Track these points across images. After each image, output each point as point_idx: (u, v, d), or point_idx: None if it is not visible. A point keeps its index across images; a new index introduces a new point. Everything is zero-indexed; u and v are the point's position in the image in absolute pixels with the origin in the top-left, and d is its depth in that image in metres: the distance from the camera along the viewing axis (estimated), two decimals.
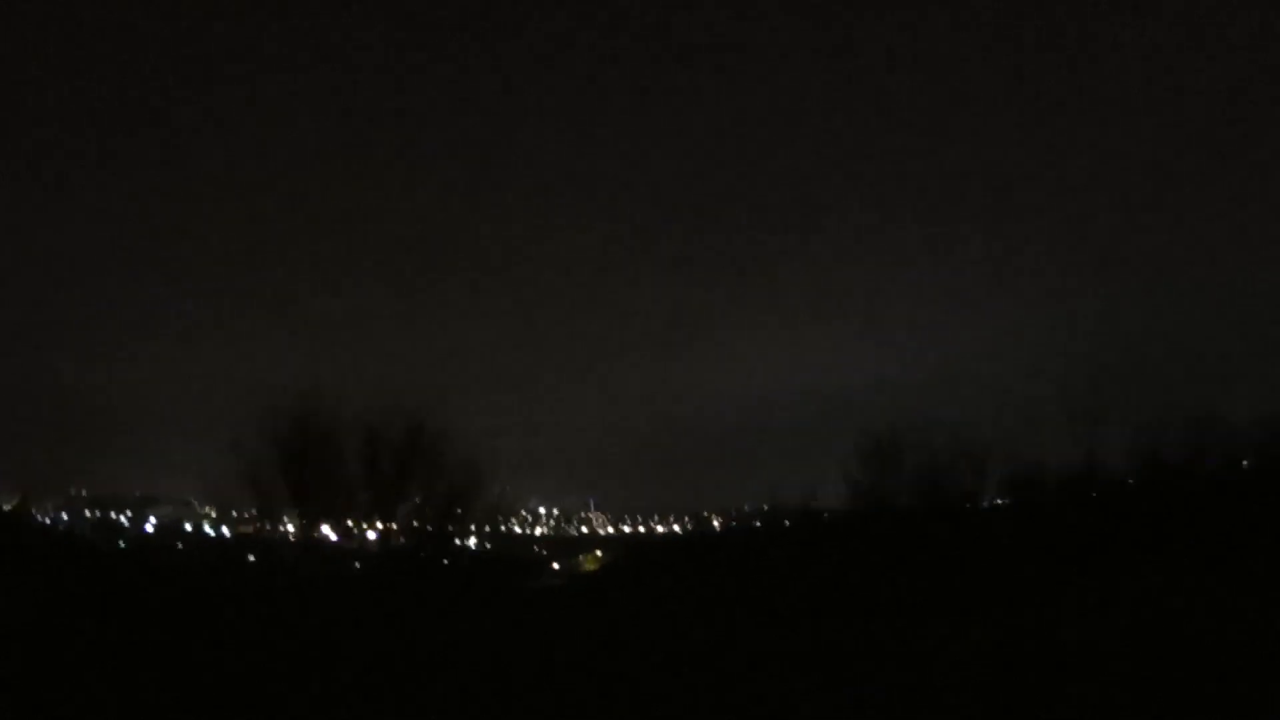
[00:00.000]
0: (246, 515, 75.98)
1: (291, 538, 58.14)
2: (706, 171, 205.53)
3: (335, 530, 59.28)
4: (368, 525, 58.88)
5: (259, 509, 58.59)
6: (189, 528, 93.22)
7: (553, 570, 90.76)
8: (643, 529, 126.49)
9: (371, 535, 59.04)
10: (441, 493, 54.12)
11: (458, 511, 56.77)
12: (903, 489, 51.87)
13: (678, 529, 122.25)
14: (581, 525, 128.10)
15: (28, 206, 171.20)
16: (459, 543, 63.87)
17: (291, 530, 58.13)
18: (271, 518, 58.81)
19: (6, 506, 76.06)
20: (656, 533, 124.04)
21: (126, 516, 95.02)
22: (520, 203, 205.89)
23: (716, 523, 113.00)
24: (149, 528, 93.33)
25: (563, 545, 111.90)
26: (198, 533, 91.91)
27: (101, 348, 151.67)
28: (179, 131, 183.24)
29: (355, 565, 57.00)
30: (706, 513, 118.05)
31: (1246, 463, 45.94)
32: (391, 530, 55.55)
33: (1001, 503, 52.80)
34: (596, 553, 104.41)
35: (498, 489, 59.58)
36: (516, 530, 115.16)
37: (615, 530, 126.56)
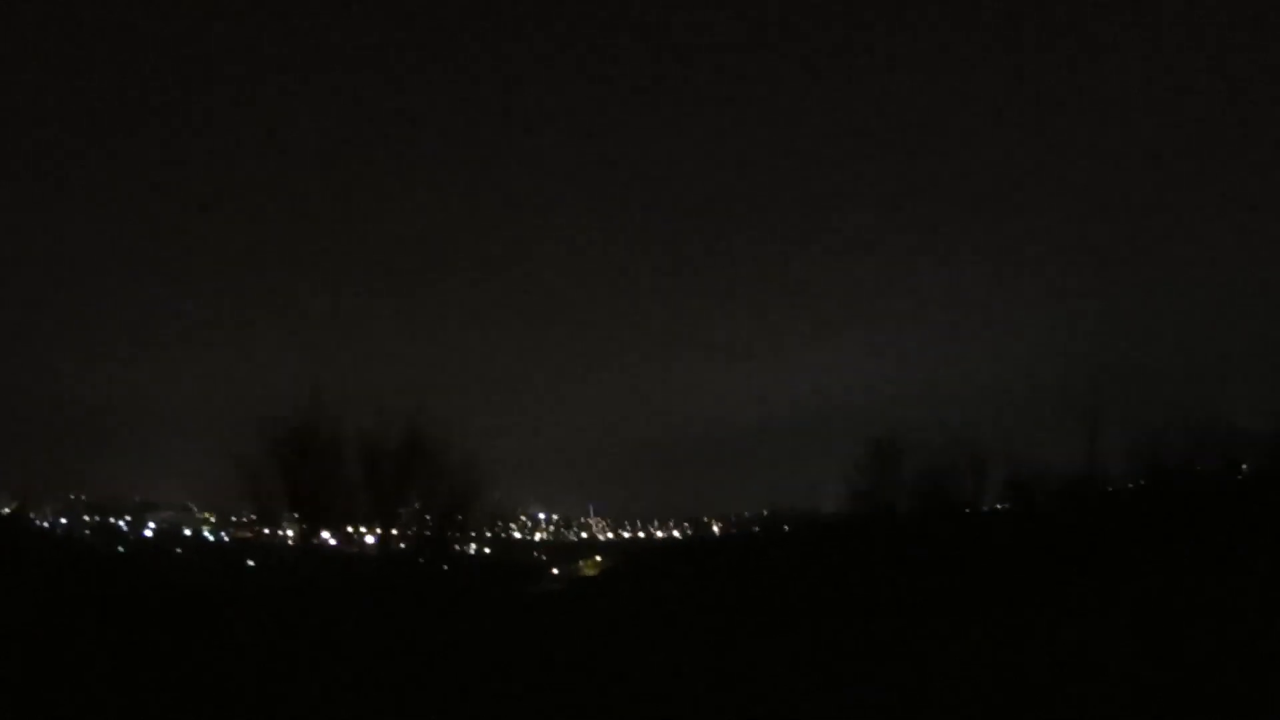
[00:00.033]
0: (245, 520, 76.00)
1: (291, 542, 58.03)
2: (708, 174, 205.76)
3: (335, 535, 59.16)
4: (367, 530, 58.80)
5: (258, 514, 58.56)
6: (188, 532, 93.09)
7: (552, 575, 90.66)
8: (642, 534, 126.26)
9: (371, 540, 58.94)
10: (441, 498, 54.04)
11: (457, 517, 56.68)
12: (903, 492, 51.87)
13: (678, 534, 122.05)
14: (581, 530, 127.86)
15: (28, 209, 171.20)
16: (458, 548, 63.72)
17: (291, 535, 58.02)
18: (271, 523, 58.75)
19: (5, 510, 76.02)
20: (656, 538, 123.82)
21: (125, 521, 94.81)
22: (520, 206, 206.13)
23: (716, 528, 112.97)
24: (148, 532, 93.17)
25: (562, 550, 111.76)
26: (197, 537, 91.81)
27: (100, 352, 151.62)
28: (180, 134, 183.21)
29: (355, 570, 56.86)
30: (706, 518, 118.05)
31: (1247, 465, 45.87)
32: (391, 535, 55.44)
33: (1002, 506, 52.66)
34: (596, 558, 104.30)
35: (497, 494, 59.61)
36: (516, 535, 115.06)
37: (615, 535, 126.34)
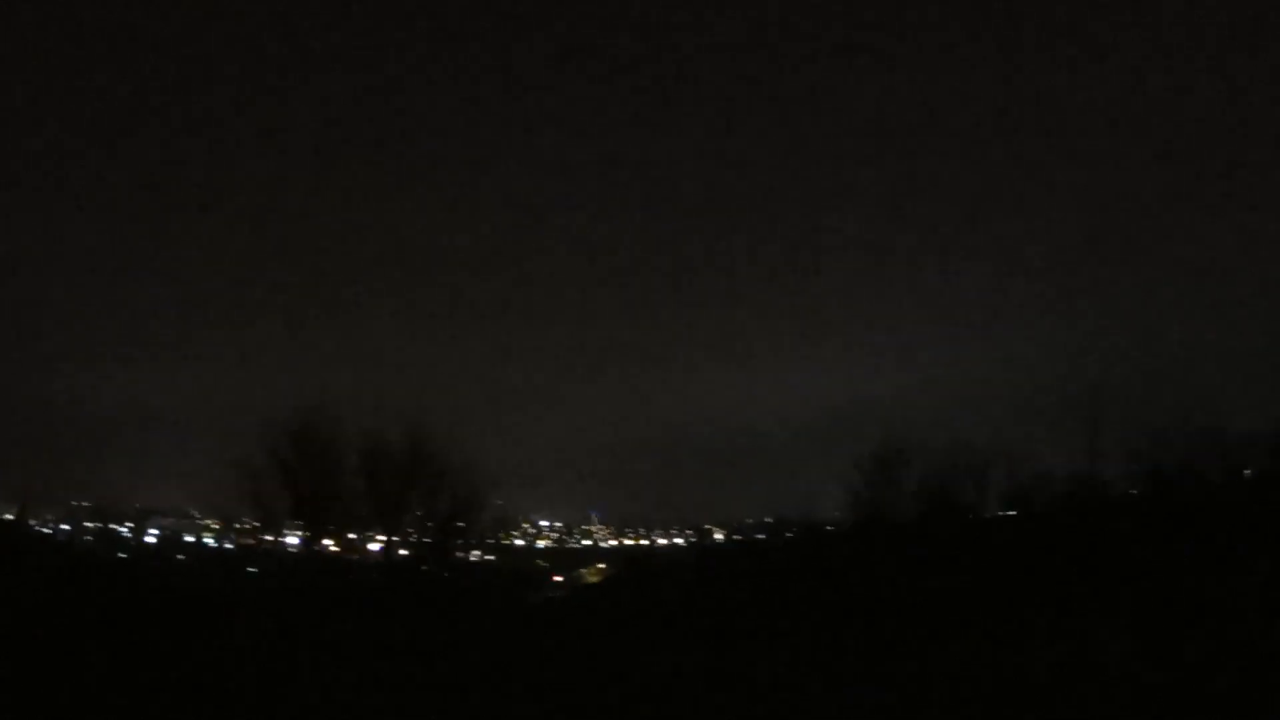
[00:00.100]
0: (248, 526, 75.95)
1: (293, 549, 58.05)
2: (709, 176, 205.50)
3: (337, 542, 59.17)
4: (370, 537, 58.86)
5: (261, 520, 58.59)
6: (190, 539, 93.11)
7: (555, 582, 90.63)
8: (645, 541, 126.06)
9: (373, 547, 58.98)
10: (443, 505, 54.14)
11: (459, 524, 56.75)
12: (906, 498, 51.77)
13: (680, 541, 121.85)
14: (583, 538, 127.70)
15: (29, 216, 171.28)
16: (461, 555, 63.70)
17: (293, 542, 58.05)
18: (274, 529, 58.77)
19: (6, 516, 76.06)
20: (659, 545, 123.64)
21: (128, 527, 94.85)
22: (520, 207, 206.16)
23: (719, 535, 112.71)
24: (150, 538, 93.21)
25: (565, 557, 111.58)
26: (199, 544, 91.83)
27: (99, 355, 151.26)
28: (180, 134, 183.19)
29: (357, 577, 56.93)
30: (709, 525, 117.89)
31: (1249, 471, 45.77)
32: (393, 542, 55.51)
33: (1004, 514, 52.58)
34: (599, 565, 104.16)
35: (499, 501, 59.68)
36: (519, 543, 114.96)
37: (618, 542, 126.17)
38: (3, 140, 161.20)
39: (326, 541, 56.66)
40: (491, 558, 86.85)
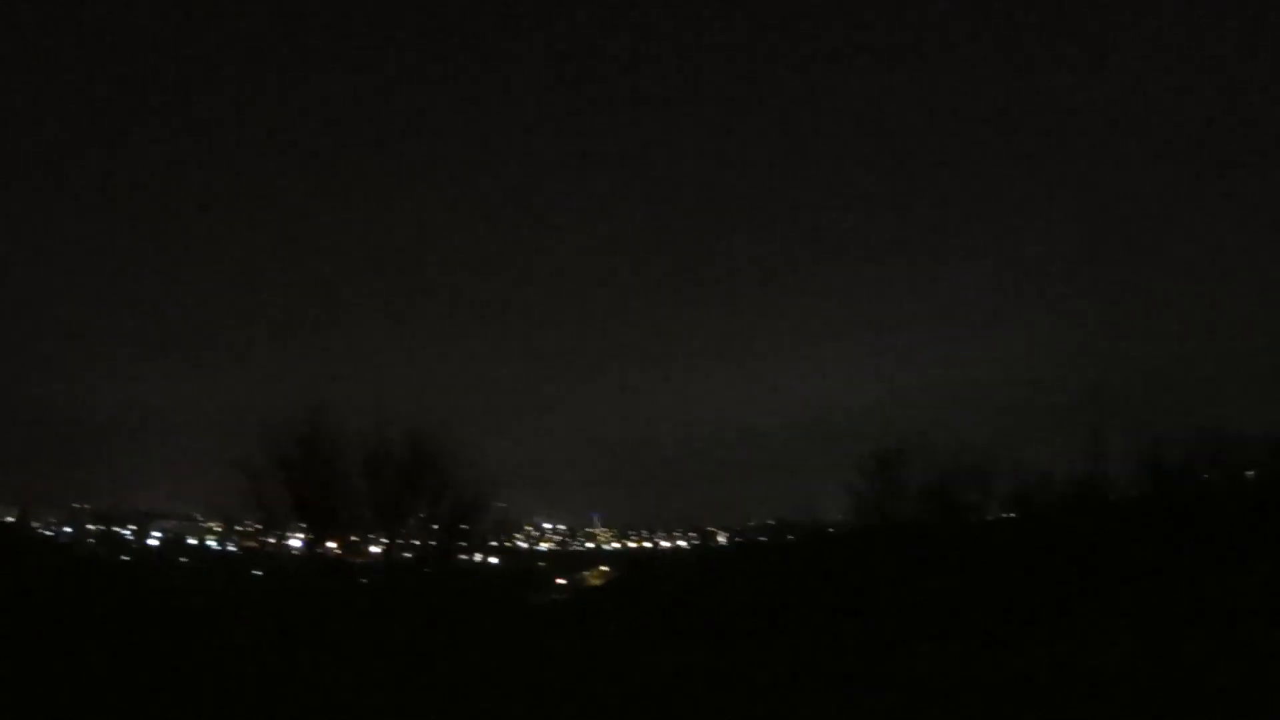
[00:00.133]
0: (251, 529, 75.98)
1: (296, 552, 58.07)
2: (713, 185, 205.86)
3: (340, 545, 59.14)
4: (372, 540, 58.83)
5: (264, 523, 58.56)
6: (193, 542, 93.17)
7: (557, 585, 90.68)
8: (648, 544, 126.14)
9: (376, 550, 58.97)
10: (446, 508, 54.09)
11: (462, 527, 56.72)
12: (907, 502, 51.71)
13: (684, 544, 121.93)
14: (586, 540, 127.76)
15: (35, 221, 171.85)
16: (464, 558, 63.69)
17: (296, 545, 58.06)
18: (276, 532, 58.76)
19: (8, 519, 76.20)
20: (662, 547, 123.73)
21: (130, 531, 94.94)
22: (524, 217, 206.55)
23: (722, 537, 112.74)
24: (153, 542, 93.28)
25: (567, 560, 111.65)
26: (202, 547, 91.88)
27: (100, 360, 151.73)
28: (182, 140, 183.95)
29: (359, 579, 56.86)
30: (711, 527, 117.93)
31: (1252, 474, 45.78)
32: (396, 545, 55.48)
33: (1007, 516, 52.56)
34: (601, 568, 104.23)
35: (502, 504, 59.60)
36: (522, 545, 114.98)
37: (621, 545, 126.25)
38: (3, 140, 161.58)
39: (330, 544, 56.62)
40: (494, 560, 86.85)
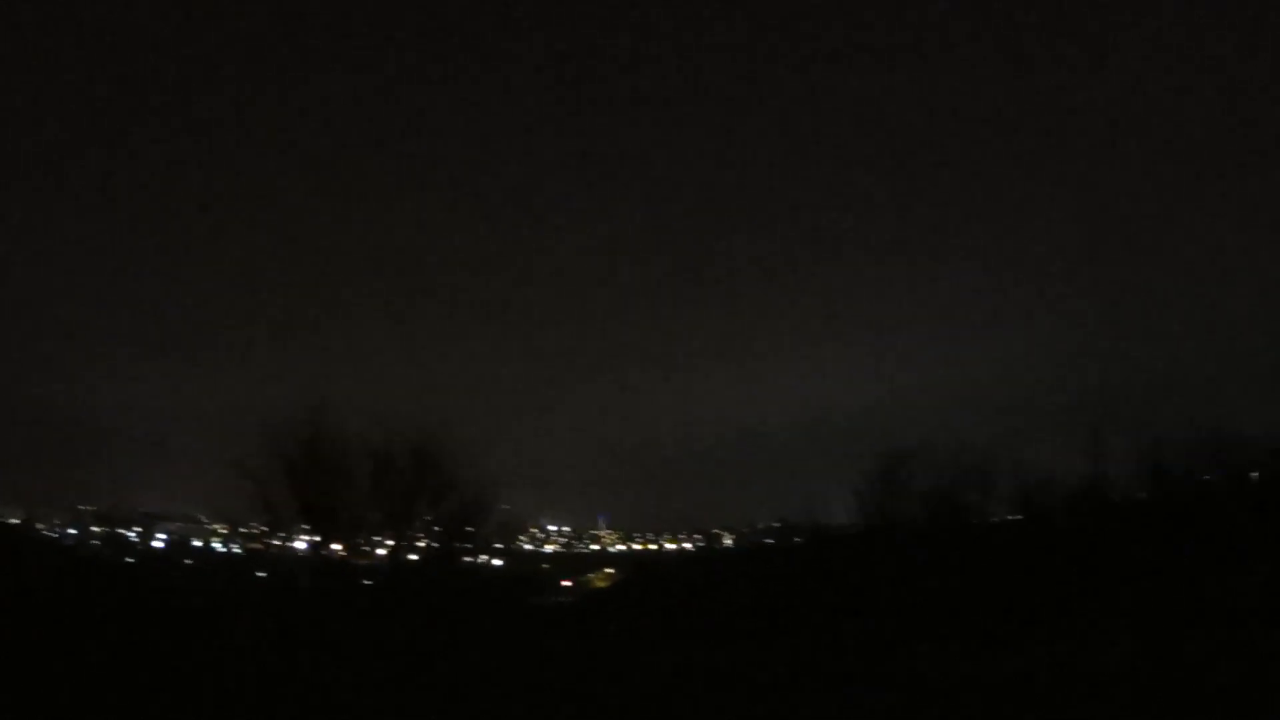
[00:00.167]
0: (256, 531, 76.10)
1: (301, 554, 58.18)
2: (713, 185, 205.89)
3: (345, 546, 59.24)
4: (378, 542, 58.88)
5: (268, 525, 58.67)
6: (198, 544, 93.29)
7: (562, 587, 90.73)
8: (653, 546, 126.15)
9: (381, 552, 59.02)
10: (451, 510, 54.15)
11: (467, 529, 56.79)
12: (911, 504, 51.68)
13: (689, 546, 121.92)
14: (592, 543, 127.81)
15: (36, 221, 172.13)
16: (468, 560, 63.78)
17: (301, 547, 58.17)
18: (281, 534, 58.87)
19: (12, 520, 76.40)
20: (667, 549, 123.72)
21: (136, 532, 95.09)
22: (528, 220, 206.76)
23: (728, 540, 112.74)
24: (158, 543, 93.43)
25: (573, 562, 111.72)
26: (207, 549, 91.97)
27: (101, 360, 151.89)
28: (182, 140, 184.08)
29: (363, 581, 56.93)
30: (717, 530, 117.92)
31: (1256, 475, 45.67)
32: (401, 547, 55.54)
33: (1011, 518, 52.54)
34: (606, 570, 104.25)
35: (507, 506, 59.67)
36: (527, 547, 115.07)
37: (626, 547, 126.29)
38: (3, 140, 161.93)
39: (335, 546, 56.73)
40: (499, 562, 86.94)
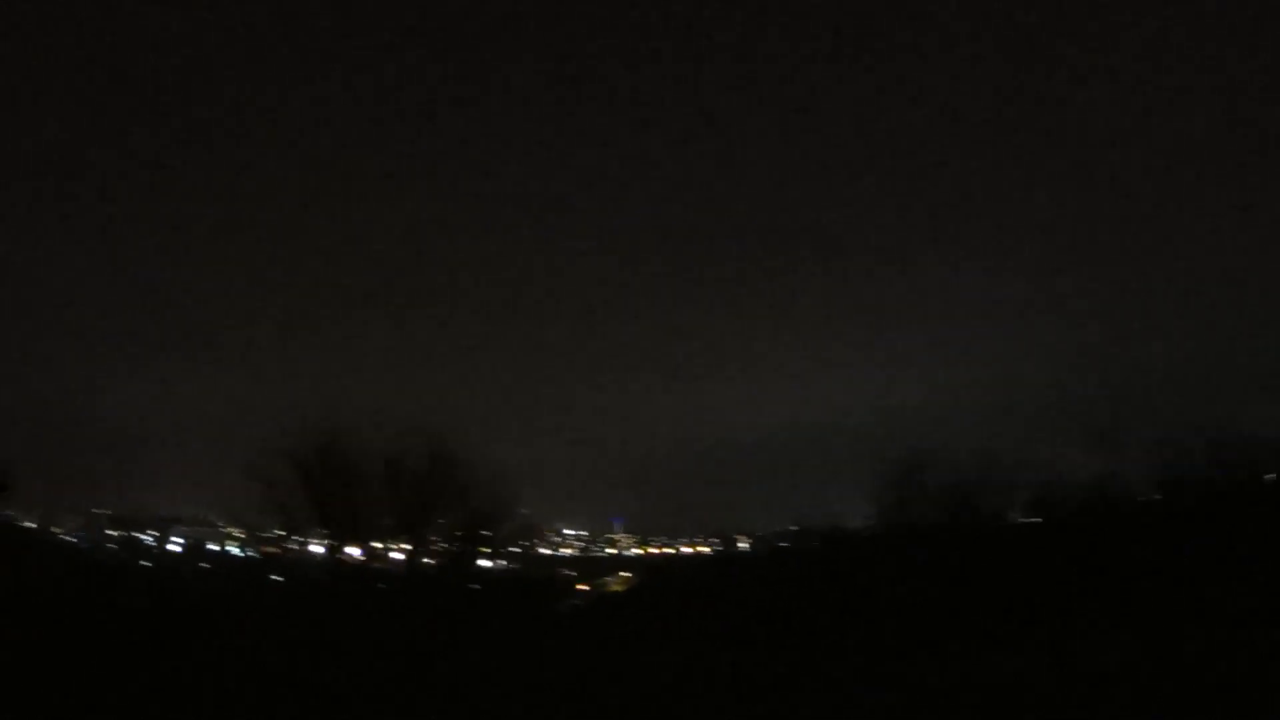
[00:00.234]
0: (273, 535, 76.47)
1: (318, 558, 58.44)
2: (713, 186, 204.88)
3: (362, 551, 59.47)
4: (394, 546, 59.08)
5: (285, 529, 58.98)
6: (214, 547, 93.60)
7: (579, 591, 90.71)
8: (670, 550, 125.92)
9: (398, 556, 59.21)
10: (467, 514, 54.30)
11: (483, 533, 56.94)
12: (928, 508, 51.59)
13: (706, 550, 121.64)
14: (608, 547, 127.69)
15: (49, 227, 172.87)
16: (485, 564, 63.90)
17: (318, 551, 58.43)
18: (297, 538, 59.18)
19: (28, 524, 76.93)
20: (683, 553, 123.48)
21: (152, 536, 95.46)
22: (539, 222, 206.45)
23: (744, 544, 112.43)
24: (174, 547, 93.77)
25: (589, 566, 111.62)
26: (224, 553, 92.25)
27: (109, 359, 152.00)
28: (182, 140, 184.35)
29: (378, 585, 57.13)
30: (734, 534, 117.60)
31: (1270, 476, 45.44)
32: (418, 551, 55.72)
33: (1028, 521, 52.42)
34: (623, 574, 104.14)
35: (523, 510, 59.83)
36: (543, 551, 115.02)
37: (643, 551, 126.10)
38: (3, 140, 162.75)
39: (351, 550, 56.94)
40: (516, 566, 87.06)
